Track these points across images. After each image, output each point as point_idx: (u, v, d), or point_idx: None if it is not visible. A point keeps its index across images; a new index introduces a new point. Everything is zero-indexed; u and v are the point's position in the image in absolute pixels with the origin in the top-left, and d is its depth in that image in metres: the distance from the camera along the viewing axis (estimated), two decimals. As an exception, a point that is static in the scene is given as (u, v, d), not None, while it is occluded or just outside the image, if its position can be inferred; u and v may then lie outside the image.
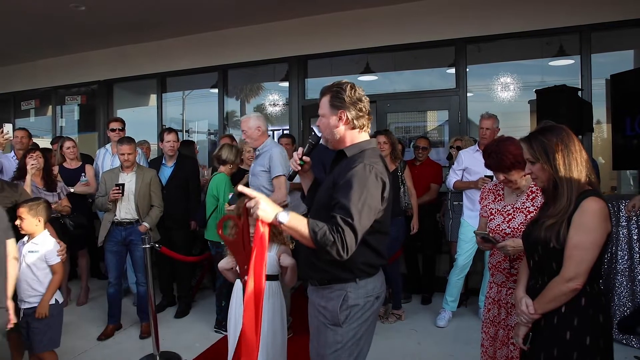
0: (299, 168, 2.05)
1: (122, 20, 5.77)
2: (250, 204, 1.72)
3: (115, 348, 3.78)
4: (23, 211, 2.82)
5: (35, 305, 2.84)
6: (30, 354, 2.94)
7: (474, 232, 2.40)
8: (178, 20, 5.84)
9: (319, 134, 2.01)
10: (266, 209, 1.68)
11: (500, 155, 2.23)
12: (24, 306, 2.86)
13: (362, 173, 1.76)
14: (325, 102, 1.93)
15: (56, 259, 2.91)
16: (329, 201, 1.81)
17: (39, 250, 2.87)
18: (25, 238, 2.90)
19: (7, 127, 3.81)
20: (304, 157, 2.04)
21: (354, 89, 1.90)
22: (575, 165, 1.71)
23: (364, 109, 1.92)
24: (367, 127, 1.97)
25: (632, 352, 3.40)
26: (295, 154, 2.05)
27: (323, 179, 2.10)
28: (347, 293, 1.86)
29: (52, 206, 4.00)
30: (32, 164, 3.91)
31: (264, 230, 1.73)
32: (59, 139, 5.37)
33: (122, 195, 3.88)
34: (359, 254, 1.80)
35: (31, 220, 2.84)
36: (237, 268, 2.47)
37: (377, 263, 1.93)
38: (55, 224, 4.05)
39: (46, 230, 2.96)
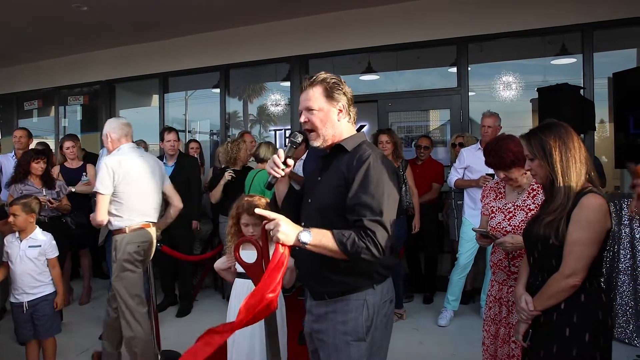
0: (282, 174, 1.76)
1: (124, 20, 5.79)
2: (269, 226, 1.57)
3: (116, 347, 3.78)
4: (17, 209, 2.95)
5: (40, 295, 2.99)
6: (23, 343, 3.09)
7: (473, 229, 2.40)
8: (179, 20, 5.85)
9: (302, 133, 1.83)
10: (287, 232, 1.55)
11: (501, 153, 2.23)
12: (28, 298, 2.96)
13: (377, 165, 1.65)
14: (317, 94, 1.73)
15: (54, 253, 3.07)
16: (339, 201, 1.66)
17: (41, 244, 3.02)
18: (17, 234, 3.01)
19: None
20: (287, 161, 1.75)
21: (343, 82, 1.80)
22: (573, 162, 1.71)
23: (352, 101, 1.82)
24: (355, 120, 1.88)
25: (634, 351, 3.38)
26: (275, 157, 1.75)
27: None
28: (366, 302, 1.72)
29: (55, 204, 4.03)
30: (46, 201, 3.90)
31: (284, 251, 1.58)
32: (70, 137, 5.41)
33: None
34: None
35: (25, 217, 2.98)
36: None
37: (392, 263, 1.81)
38: (57, 222, 4.08)
39: (38, 227, 3.11)
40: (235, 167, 4.39)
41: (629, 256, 3.57)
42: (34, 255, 2.98)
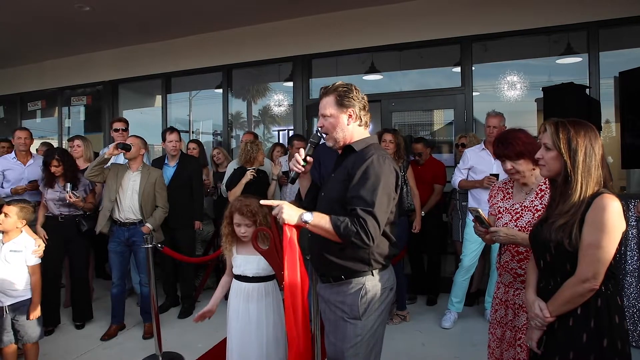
0: (303, 170, 2.06)
1: (126, 20, 5.78)
2: (275, 211, 1.82)
3: (118, 348, 3.76)
4: (12, 209, 2.89)
5: (21, 299, 2.93)
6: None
7: (468, 208, 2.37)
8: (181, 21, 5.84)
9: (320, 135, 2.07)
10: (290, 213, 1.79)
11: (510, 140, 2.22)
12: (8, 302, 2.90)
13: (377, 164, 1.84)
14: (330, 102, 1.99)
15: (35, 261, 2.98)
16: (343, 194, 1.87)
17: (22, 250, 2.95)
18: (0, 236, 2.95)
19: None
20: (308, 158, 2.06)
21: (356, 89, 2.02)
22: (594, 166, 1.64)
23: (366, 107, 2.04)
24: (369, 123, 2.08)
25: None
26: (297, 155, 2.05)
27: (315, 175, 2.14)
28: (365, 286, 1.92)
29: (75, 200, 3.98)
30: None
31: (291, 234, 1.80)
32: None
33: (124, 151, 3.88)
34: (376, 245, 1.87)
35: (15, 220, 2.92)
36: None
37: (392, 253, 2.00)
38: (71, 222, 4.09)
39: (24, 231, 3.03)
40: (252, 167, 4.37)
41: (636, 258, 3.53)
42: (14, 260, 2.90)
